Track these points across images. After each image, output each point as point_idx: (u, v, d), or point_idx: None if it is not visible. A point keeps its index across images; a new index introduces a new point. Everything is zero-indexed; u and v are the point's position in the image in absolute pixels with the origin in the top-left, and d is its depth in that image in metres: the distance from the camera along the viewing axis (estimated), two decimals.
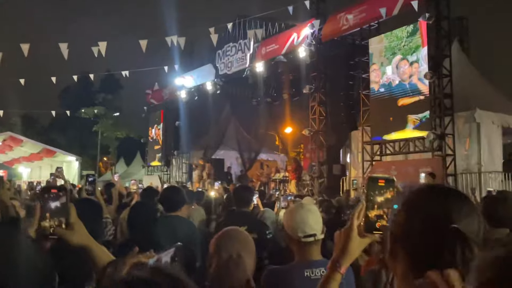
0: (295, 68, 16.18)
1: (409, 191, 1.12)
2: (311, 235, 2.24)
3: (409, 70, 12.01)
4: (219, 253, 1.92)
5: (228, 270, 1.84)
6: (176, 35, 12.12)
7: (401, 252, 1.06)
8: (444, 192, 1.09)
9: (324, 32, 14.27)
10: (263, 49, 16.41)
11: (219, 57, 18.78)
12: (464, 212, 1.04)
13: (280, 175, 18.26)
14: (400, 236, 1.07)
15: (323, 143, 14.86)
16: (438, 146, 11.33)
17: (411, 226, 1.05)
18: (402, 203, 1.11)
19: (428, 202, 1.07)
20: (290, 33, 15.34)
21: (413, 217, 1.06)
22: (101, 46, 11.26)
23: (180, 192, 3.82)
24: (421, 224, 1.03)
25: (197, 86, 20.01)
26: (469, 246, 0.96)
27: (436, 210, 1.04)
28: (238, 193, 4.15)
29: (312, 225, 2.27)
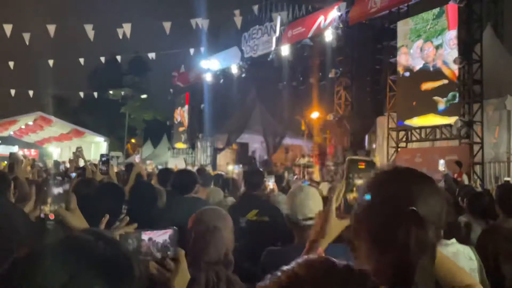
0: (321, 51, 15.95)
1: (375, 173, 1.14)
2: (311, 218, 2.21)
3: (433, 53, 11.66)
4: (195, 227, 1.93)
5: (204, 240, 1.86)
6: (201, 18, 12.07)
7: (364, 232, 1.06)
8: (407, 173, 1.10)
9: (352, 15, 13.95)
10: (289, 32, 16.20)
11: (245, 40, 18.64)
12: (426, 194, 1.03)
13: (304, 160, 18.17)
14: (362, 216, 1.08)
15: (348, 128, 14.66)
16: (466, 134, 11.02)
17: (373, 206, 1.05)
18: (367, 184, 1.12)
19: (389, 183, 1.07)
20: (317, 15, 15.07)
21: (375, 197, 1.06)
22: (125, 28, 11.33)
23: (191, 174, 3.83)
24: (381, 205, 1.04)
25: (223, 69, 19.99)
26: (424, 228, 0.97)
27: (397, 191, 1.04)
28: (247, 176, 4.12)
29: (312, 209, 2.25)
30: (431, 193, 1.05)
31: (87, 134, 27.91)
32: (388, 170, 1.13)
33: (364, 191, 1.11)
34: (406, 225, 0.97)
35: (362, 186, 1.20)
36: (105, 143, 27.81)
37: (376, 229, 1.03)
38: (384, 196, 1.05)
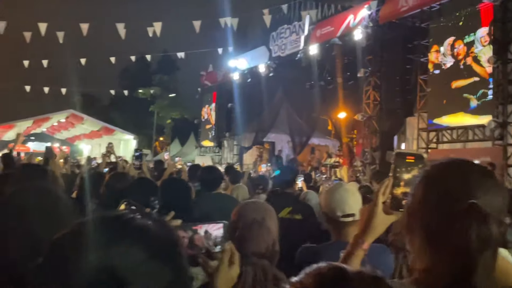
0: (350, 51, 15.78)
1: (430, 166, 1.09)
2: (350, 215, 2.18)
3: (464, 51, 11.41)
4: (242, 218, 1.93)
5: (252, 231, 1.85)
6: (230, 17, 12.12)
7: (417, 226, 1.03)
8: (465, 166, 1.05)
9: (382, 14, 13.76)
10: (318, 31, 16.10)
11: (273, 39, 18.63)
12: (486, 188, 0.99)
13: (331, 160, 18.05)
14: (416, 209, 1.04)
15: (377, 129, 14.49)
16: (500, 135, 10.72)
17: (428, 200, 1.02)
18: (421, 177, 1.08)
19: (447, 176, 1.03)
20: (346, 15, 14.93)
21: (430, 191, 1.03)
22: (156, 26, 11.48)
23: (216, 171, 3.86)
24: (437, 199, 1.00)
25: (250, 68, 20.03)
26: (486, 223, 0.92)
27: (455, 184, 1.00)
28: (282, 174, 4.12)
29: (351, 205, 2.21)
30: (492, 185, 1.01)
31: (116, 131, 28.44)
32: (444, 162, 1.09)
33: (418, 184, 1.08)
34: (466, 220, 0.92)
35: (415, 179, 1.16)
36: (134, 141, 28.27)
37: (431, 224, 1.00)
38: (440, 189, 1.02)
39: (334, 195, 2.26)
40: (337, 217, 2.20)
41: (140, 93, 32.63)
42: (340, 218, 2.19)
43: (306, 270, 0.80)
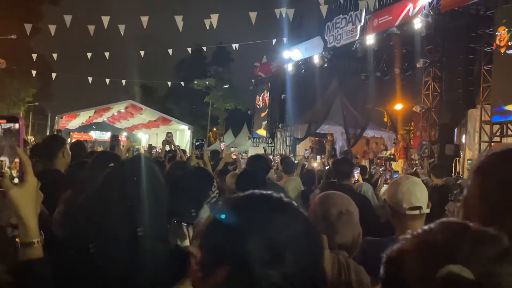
0: (409, 40, 15.27)
1: (484, 155, 1.06)
2: (417, 208, 2.14)
3: None
4: (328, 209, 1.94)
5: (340, 223, 1.86)
6: (286, 7, 12.08)
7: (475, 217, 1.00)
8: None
9: (444, 2, 13.19)
10: (375, 20, 15.70)
11: (328, 30, 18.37)
12: None
13: (387, 153, 17.66)
14: (473, 200, 1.02)
15: (436, 121, 14.00)
16: None
17: (483, 191, 0.99)
18: (476, 167, 1.05)
19: (501, 165, 1.00)
20: (405, 3, 14.45)
21: (485, 182, 1.00)
22: (213, 18, 11.65)
23: (262, 159, 3.90)
24: (492, 187, 0.97)
25: (305, 59, 19.88)
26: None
27: (509, 174, 0.97)
28: (338, 165, 4.09)
29: (418, 197, 2.17)
30: None
31: (173, 122, 29.14)
32: (497, 151, 1.04)
33: (473, 176, 1.04)
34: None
35: (471, 169, 1.11)
36: (189, 131, 28.88)
37: (486, 217, 0.96)
38: (496, 177, 0.98)
39: (400, 187, 2.22)
40: (403, 210, 2.16)
41: (195, 84, 33.26)
42: (406, 211, 2.16)
43: (431, 225, 0.76)
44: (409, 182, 2.25)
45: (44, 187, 1.22)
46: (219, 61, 37.87)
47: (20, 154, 1.12)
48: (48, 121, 34.49)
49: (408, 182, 2.25)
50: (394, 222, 2.28)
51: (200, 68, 37.20)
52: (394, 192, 2.25)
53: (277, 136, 23.38)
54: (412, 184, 2.24)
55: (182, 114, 35.67)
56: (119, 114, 31.00)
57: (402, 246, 0.76)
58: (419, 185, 2.27)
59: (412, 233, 0.76)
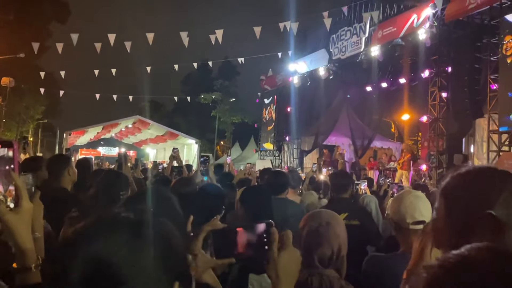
0: (414, 51, 15.31)
1: (449, 176, 1.05)
2: (421, 222, 2.13)
3: None
4: (308, 223, 1.94)
5: (318, 233, 1.85)
6: (290, 21, 12.17)
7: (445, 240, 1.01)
8: (480, 174, 1.01)
9: (448, 12, 13.22)
10: (380, 32, 15.75)
11: (333, 42, 18.45)
12: (505, 195, 0.94)
13: (395, 164, 17.56)
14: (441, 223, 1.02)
15: (443, 131, 13.94)
16: None
17: (448, 213, 0.99)
18: (441, 188, 1.04)
19: (463, 186, 1.00)
20: (409, 14, 14.50)
21: (449, 203, 1.00)
22: (218, 33, 11.76)
23: (284, 176, 3.87)
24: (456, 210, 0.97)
25: (310, 72, 19.95)
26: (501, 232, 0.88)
27: (471, 194, 0.97)
28: (334, 179, 4.08)
29: (422, 212, 2.15)
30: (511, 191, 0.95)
31: (180, 136, 29.28)
32: (461, 173, 1.04)
33: (440, 198, 1.04)
34: (484, 229, 0.89)
35: (436, 191, 1.11)
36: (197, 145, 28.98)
37: (453, 237, 0.96)
38: (458, 199, 0.98)
39: (403, 202, 2.21)
40: (407, 225, 2.15)
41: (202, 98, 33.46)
42: (410, 225, 2.14)
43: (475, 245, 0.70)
44: (412, 196, 2.24)
45: (51, 206, 1.23)
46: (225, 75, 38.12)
47: (15, 179, 1.12)
48: (56, 138, 34.80)
49: (411, 197, 2.23)
50: (398, 237, 2.26)
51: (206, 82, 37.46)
52: (397, 207, 2.24)
53: (284, 149, 23.37)
54: (415, 199, 2.23)
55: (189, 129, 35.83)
56: (126, 129, 31.21)
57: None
58: (423, 199, 2.25)
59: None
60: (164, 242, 0.82)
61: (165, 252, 0.80)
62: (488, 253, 0.67)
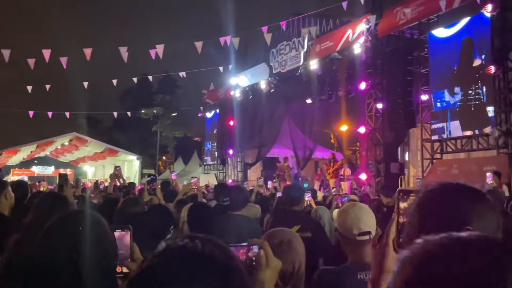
0: (351, 65, 15.92)
1: (422, 192, 1.07)
2: (366, 233, 2.21)
3: None
4: (270, 241, 1.94)
5: (280, 251, 1.86)
6: (230, 36, 12.28)
7: None
8: (455, 191, 1.04)
9: (380, 27, 13.92)
10: (317, 46, 16.26)
11: (273, 56, 18.82)
12: (480, 210, 0.99)
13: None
14: (415, 237, 1.00)
15: (380, 141, 14.53)
16: (504, 143, 10.74)
17: (424, 228, 1.00)
18: (415, 205, 1.06)
19: (439, 202, 1.02)
20: (344, 29, 15.10)
21: (424, 219, 1.02)
22: (158, 48, 11.63)
23: (244, 191, 3.88)
24: (432, 226, 0.97)
25: (252, 85, 20.19)
26: None
27: (447, 211, 0.99)
28: (288, 191, 4.14)
29: (366, 222, 2.24)
30: (486, 209, 1.00)
31: (120, 153, 28.52)
32: (435, 188, 1.06)
33: (413, 212, 1.05)
34: None
35: (409, 208, 1.11)
36: (138, 161, 28.32)
37: None
38: (435, 216, 0.99)
39: (349, 214, 2.30)
40: (354, 236, 2.23)
41: (142, 113, 32.82)
42: (356, 237, 2.22)
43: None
44: (356, 208, 2.33)
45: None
46: (165, 90, 37.65)
47: None
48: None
49: (356, 209, 2.33)
50: (346, 249, 2.33)
51: (146, 97, 36.81)
52: (343, 220, 2.33)
53: (228, 162, 23.36)
54: (359, 210, 2.32)
55: (129, 145, 34.95)
56: (63, 147, 29.94)
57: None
58: (367, 210, 2.35)
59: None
60: None
61: None
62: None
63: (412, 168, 14.92)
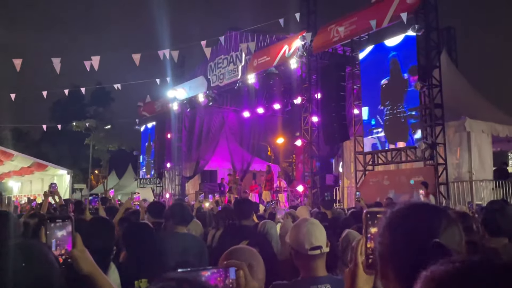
0: (287, 79, 16.35)
1: (389, 212, 1.15)
2: (317, 247, 2.29)
3: None
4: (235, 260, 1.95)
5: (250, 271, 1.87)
6: (169, 49, 12.20)
7: (391, 271, 1.08)
8: (422, 208, 1.14)
9: (315, 44, 14.43)
10: (255, 61, 16.54)
11: (211, 69, 18.89)
12: (444, 225, 1.08)
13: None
14: (387, 256, 1.10)
15: (316, 153, 14.95)
16: (430, 156, 11.45)
17: (396, 245, 1.07)
18: (384, 224, 1.14)
19: (408, 219, 1.10)
20: (281, 45, 15.49)
21: (396, 236, 1.09)
22: (94, 60, 11.31)
23: (186, 208, 3.83)
24: (404, 242, 1.06)
25: (189, 98, 20.08)
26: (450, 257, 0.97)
27: (417, 226, 1.08)
28: (239, 205, 4.16)
29: (318, 237, 2.32)
30: (449, 223, 1.09)
31: (49, 167, 27.09)
32: (404, 207, 1.14)
33: (384, 230, 1.12)
34: (434, 257, 0.95)
35: (380, 225, 1.17)
36: (68, 176, 27.07)
37: (402, 266, 1.04)
38: (405, 232, 1.07)
39: (301, 229, 2.36)
40: (306, 251, 2.30)
41: (74, 126, 31.46)
42: (308, 251, 2.29)
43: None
44: (308, 224, 2.41)
45: None
46: (98, 101, 36.47)
47: None
48: None
49: (308, 224, 2.40)
50: (298, 263, 2.38)
51: (78, 109, 35.43)
52: (295, 234, 2.39)
53: (165, 176, 22.96)
54: (311, 226, 2.40)
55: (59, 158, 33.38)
56: None
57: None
58: (318, 226, 2.43)
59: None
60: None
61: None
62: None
63: (346, 179, 15.48)
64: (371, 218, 1.30)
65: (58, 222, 1.53)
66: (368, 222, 1.30)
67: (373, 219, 1.29)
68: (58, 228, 1.52)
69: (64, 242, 1.52)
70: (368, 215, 1.31)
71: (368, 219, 1.30)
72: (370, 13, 12.50)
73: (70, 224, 1.53)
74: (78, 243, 1.51)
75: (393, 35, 12.49)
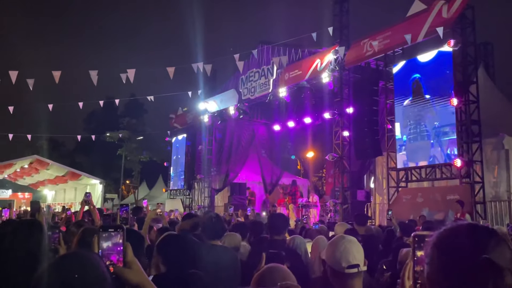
0: (318, 93, 16.26)
1: (437, 234, 1.16)
2: (355, 266, 2.22)
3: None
4: (263, 285, 1.91)
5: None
6: (202, 62, 12.36)
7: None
8: (469, 228, 1.13)
9: (348, 58, 14.33)
10: (286, 74, 16.55)
11: (242, 82, 19.01)
12: (493, 244, 1.08)
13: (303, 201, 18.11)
14: (435, 278, 1.10)
15: (347, 168, 14.75)
16: (466, 173, 11.12)
17: (444, 266, 1.08)
18: (432, 246, 1.14)
19: (456, 239, 1.11)
20: (313, 59, 15.46)
21: (445, 255, 1.10)
22: (129, 73, 11.56)
23: (222, 221, 3.80)
24: (453, 262, 1.07)
25: (220, 111, 20.24)
26: (500, 274, 0.99)
27: (466, 246, 1.08)
28: (273, 221, 4.10)
29: (355, 255, 2.25)
30: (498, 242, 1.09)
31: (83, 176, 27.81)
32: (450, 228, 1.15)
33: (432, 252, 1.13)
34: (483, 274, 0.99)
35: (428, 246, 1.17)
36: (101, 185, 27.68)
37: (452, 285, 1.05)
38: (454, 252, 1.08)
39: (338, 247, 2.30)
40: (342, 269, 2.23)
41: (107, 136, 32.18)
42: (345, 269, 2.23)
43: None
44: (346, 241, 2.34)
45: None
46: (132, 113, 37.22)
47: None
48: None
49: (345, 242, 2.34)
50: (334, 281, 2.32)
51: (112, 120, 36.23)
52: (332, 252, 2.32)
53: (194, 188, 23.11)
54: (348, 243, 2.33)
55: (92, 168, 34.09)
56: (22, 170, 28.91)
57: None
58: (355, 243, 2.36)
59: None
60: None
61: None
62: None
63: (378, 195, 15.19)
64: (419, 241, 1.27)
65: (110, 232, 1.53)
66: (415, 245, 1.28)
67: (421, 242, 1.26)
68: (109, 237, 1.52)
69: (114, 252, 1.52)
70: (416, 238, 1.28)
71: (416, 242, 1.28)
72: (405, 27, 12.34)
73: (121, 234, 1.53)
74: (129, 253, 1.50)
75: (426, 50, 12.27)
